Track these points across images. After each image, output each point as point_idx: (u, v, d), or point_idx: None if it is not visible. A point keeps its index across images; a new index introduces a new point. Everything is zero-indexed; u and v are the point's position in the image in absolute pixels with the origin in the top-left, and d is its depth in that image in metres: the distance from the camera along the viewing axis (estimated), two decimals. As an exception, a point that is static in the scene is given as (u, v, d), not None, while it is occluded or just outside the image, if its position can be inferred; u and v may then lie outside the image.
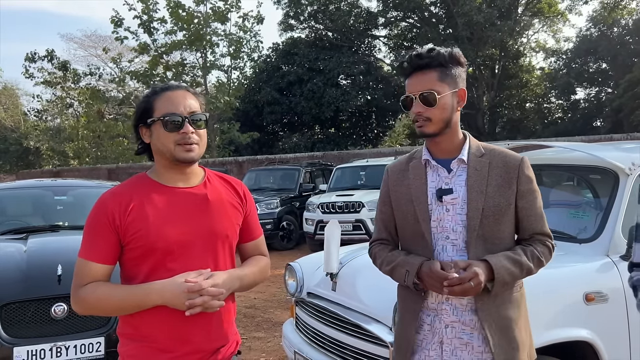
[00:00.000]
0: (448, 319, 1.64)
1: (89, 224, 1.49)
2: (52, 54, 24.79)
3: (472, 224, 1.61)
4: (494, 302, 1.61)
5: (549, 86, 27.85)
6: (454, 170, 1.68)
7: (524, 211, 1.66)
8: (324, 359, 2.78)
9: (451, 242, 1.64)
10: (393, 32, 28.44)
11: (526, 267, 1.60)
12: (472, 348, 1.62)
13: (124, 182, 1.59)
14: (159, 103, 1.51)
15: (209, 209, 1.56)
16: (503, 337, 1.60)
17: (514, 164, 1.66)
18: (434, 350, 1.66)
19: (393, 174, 1.80)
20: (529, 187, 1.66)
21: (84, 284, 1.45)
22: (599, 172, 2.94)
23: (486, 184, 1.63)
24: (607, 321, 2.48)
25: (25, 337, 3.24)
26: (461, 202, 1.64)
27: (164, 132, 1.50)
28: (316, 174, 12.98)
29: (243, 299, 6.66)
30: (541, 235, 1.68)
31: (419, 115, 1.63)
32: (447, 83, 1.62)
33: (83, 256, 1.47)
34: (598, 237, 2.71)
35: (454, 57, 1.64)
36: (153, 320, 1.46)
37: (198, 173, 1.62)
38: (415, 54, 1.63)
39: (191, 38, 21.59)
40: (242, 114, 24.32)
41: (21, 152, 35.42)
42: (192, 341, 1.49)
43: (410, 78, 1.65)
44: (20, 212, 5.03)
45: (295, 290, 3.26)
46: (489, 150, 1.69)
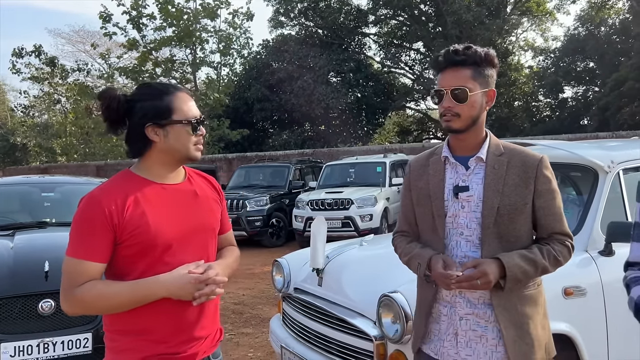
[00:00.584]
0: (462, 312, 1.69)
1: (82, 222, 1.46)
2: (40, 49, 24.51)
3: (487, 222, 1.64)
4: (509, 298, 1.64)
5: (537, 85, 28.08)
6: (471, 168, 1.71)
7: (542, 210, 1.67)
8: (310, 353, 2.82)
9: (465, 238, 1.68)
10: (383, 29, 28.48)
11: (541, 265, 1.63)
12: (486, 340, 1.66)
13: (111, 179, 1.59)
14: (177, 105, 1.55)
15: (198, 204, 1.63)
16: (517, 332, 1.64)
17: (533, 164, 1.67)
18: (449, 341, 1.71)
19: (414, 168, 1.85)
20: (547, 186, 1.68)
21: (79, 283, 1.43)
22: (580, 170, 3.01)
23: (503, 183, 1.65)
24: (585, 315, 2.54)
25: (13, 333, 3.25)
26: (476, 200, 1.67)
27: (186, 134, 1.55)
28: (306, 171, 13.02)
29: (232, 295, 6.69)
30: (560, 235, 1.69)
31: (448, 110, 1.66)
32: (479, 82, 1.65)
33: (77, 255, 1.44)
34: (577, 233, 2.77)
35: (489, 57, 1.67)
36: (152, 314, 1.49)
37: (182, 169, 1.67)
38: (453, 50, 1.67)
39: (180, 34, 21.48)
40: (232, 110, 24.24)
41: (8, 148, 34.98)
42: (186, 331, 1.54)
43: (444, 73, 1.68)
44: (7, 208, 5.01)
45: (282, 285, 3.30)
46: (508, 150, 1.72)
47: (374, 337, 2.43)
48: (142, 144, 1.56)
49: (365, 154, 14.30)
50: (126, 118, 1.56)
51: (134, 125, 1.55)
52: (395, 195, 10.32)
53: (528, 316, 1.66)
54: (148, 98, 1.54)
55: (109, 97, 1.53)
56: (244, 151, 21.95)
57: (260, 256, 9.14)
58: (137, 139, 1.55)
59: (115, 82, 25.00)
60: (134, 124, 1.54)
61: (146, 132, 1.53)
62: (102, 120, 1.56)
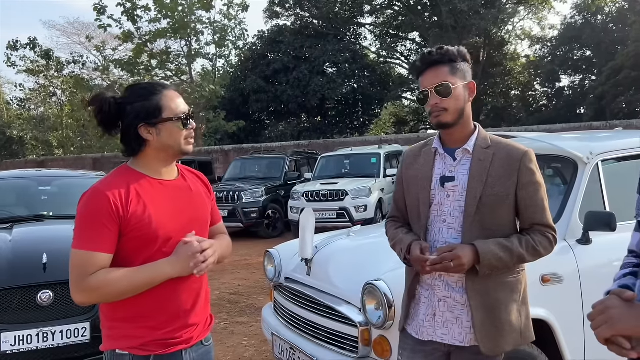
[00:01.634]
0: (441, 294, 1.80)
1: (88, 214, 1.53)
2: (35, 42, 24.42)
3: (469, 211, 1.74)
4: (485, 283, 1.74)
5: (534, 74, 28.12)
6: (458, 159, 1.81)
7: (524, 202, 1.76)
8: (300, 340, 2.93)
9: (447, 226, 1.79)
10: (379, 19, 28.44)
11: (517, 254, 1.71)
12: (461, 323, 1.77)
13: (111, 173, 1.68)
14: (165, 103, 1.63)
15: (193, 199, 1.74)
16: (488, 316, 1.73)
17: (517, 157, 1.76)
18: (428, 321, 1.83)
19: (408, 158, 1.97)
20: (530, 179, 1.76)
21: (90, 274, 1.49)
22: (560, 161, 3.10)
23: (487, 174, 1.75)
24: (562, 301, 2.65)
25: (12, 323, 3.35)
26: (461, 190, 1.77)
27: (178, 130, 1.64)
28: (302, 162, 13.10)
29: (228, 286, 6.80)
30: (541, 226, 1.78)
31: (435, 107, 1.77)
32: (458, 77, 1.76)
33: (86, 247, 1.50)
34: (557, 222, 2.85)
35: (462, 53, 1.79)
36: (150, 302, 1.59)
37: (175, 166, 1.77)
38: (428, 52, 1.79)
39: (175, 26, 21.43)
40: (228, 102, 24.26)
41: (4, 141, 34.87)
42: (182, 317, 1.65)
43: (424, 75, 1.79)
44: (5, 202, 5.08)
45: (273, 275, 3.40)
46: (495, 143, 1.81)
47: (359, 323, 2.53)
48: (137, 143, 1.65)
49: (361, 145, 14.38)
50: (119, 119, 1.65)
51: (127, 127, 1.63)
52: (390, 186, 10.42)
53: (501, 301, 1.76)
54: (138, 99, 1.63)
55: (101, 101, 1.62)
56: (241, 143, 22.01)
57: (256, 247, 9.25)
58: (132, 139, 1.64)
59: (111, 74, 24.96)
60: (127, 126, 1.63)
61: (139, 132, 1.62)
62: (96, 124, 1.66)
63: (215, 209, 1.89)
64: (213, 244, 1.67)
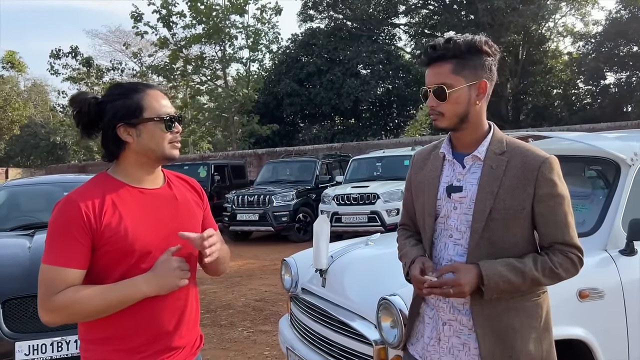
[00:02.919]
0: (445, 317, 1.59)
1: (58, 226, 1.41)
2: (76, 50, 25.24)
3: (476, 226, 1.52)
4: (494, 307, 1.52)
5: (577, 71, 27.04)
6: (467, 167, 1.59)
7: (541, 217, 1.52)
8: (313, 355, 2.75)
9: (454, 241, 1.58)
10: (414, 19, 28.00)
11: (530, 276, 1.48)
12: (468, 349, 1.55)
13: (87, 181, 1.54)
14: (147, 102, 1.49)
15: (178, 209, 1.57)
16: (499, 344, 1.51)
17: (534, 165, 1.51)
18: (432, 345, 1.63)
19: (417, 161, 1.77)
20: (550, 191, 1.51)
21: (57, 291, 1.37)
22: (600, 163, 2.82)
23: (499, 185, 1.51)
24: (603, 319, 2.38)
25: (27, 332, 3.31)
26: (469, 202, 1.55)
27: (160, 132, 1.49)
28: (333, 165, 12.96)
29: (254, 292, 6.70)
30: (562, 245, 1.52)
31: (432, 109, 1.57)
32: (464, 75, 1.52)
33: (53, 262, 1.38)
34: (596, 230, 2.60)
35: (472, 46, 1.51)
36: (127, 322, 1.45)
37: (160, 173, 1.62)
38: (431, 45, 1.55)
39: (210, 31, 21.71)
40: (262, 106, 24.38)
41: (50, 147, 36.30)
42: (163, 340, 1.50)
43: (427, 70, 1.58)
44: (31, 208, 5.14)
45: (290, 285, 3.24)
46: (511, 148, 1.56)
47: (374, 341, 2.33)
48: (116, 146, 1.50)
49: (394, 147, 14.11)
50: (99, 121, 1.50)
51: (105, 127, 1.49)
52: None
53: (515, 329, 1.52)
54: (118, 98, 1.49)
55: (80, 101, 1.48)
56: (274, 146, 22.04)
57: (286, 251, 9.09)
58: (111, 142, 1.50)
59: (150, 80, 25.50)
60: (105, 126, 1.49)
61: (118, 132, 1.48)
62: (75, 125, 1.53)
63: (209, 218, 1.72)
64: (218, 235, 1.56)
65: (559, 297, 2.36)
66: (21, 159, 38.95)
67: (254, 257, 9.47)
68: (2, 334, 3.26)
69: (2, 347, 3.24)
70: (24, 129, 36.48)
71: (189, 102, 24.26)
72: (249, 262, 9.01)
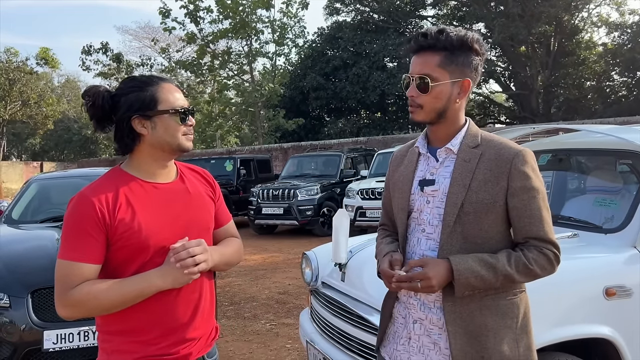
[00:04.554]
0: (416, 315, 1.55)
1: (73, 222, 1.42)
2: (106, 46, 25.74)
3: (448, 220, 1.49)
4: (467, 305, 1.47)
5: (612, 63, 26.19)
6: (440, 160, 1.57)
7: (515, 211, 1.48)
8: (333, 350, 2.74)
9: (426, 236, 1.55)
10: (441, 11, 27.58)
11: (503, 272, 1.43)
12: (439, 349, 1.51)
13: (101, 176, 1.55)
14: (162, 95, 1.50)
15: (191, 203, 1.58)
16: (471, 344, 1.46)
17: (507, 158, 1.48)
18: (402, 345, 1.59)
19: (395, 159, 1.74)
20: (523, 184, 1.47)
21: (73, 286, 1.39)
22: (630, 157, 2.72)
23: (471, 178, 1.49)
24: (631, 318, 2.30)
25: (55, 322, 3.40)
26: (441, 195, 1.53)
27: (175, 124, 1.50)
28: (358, 159, 12.89)
29: (278, 285, 6.73)
30: (537, 241, 1.48)
31: (412, 100, 1.53)
32: (450, 70, 1.49)
33: (70, 258, 1.39)
34: (625, 227, 2.51)
35: (464, 42, 1.48)
36: (142, 315, 1.47)
37: (173, 166, 1.62)
38: (422, 33, 1.52)
39: (237, 26, 21.82)
40: (288, 100, 24.43)
41: (83, 141, 37.26)
42: (177, 332, 1.51)
43: (414, 57, 1.54)
44: (61, 200, 5.26)
45: (310, 279, 3.23)
46: (486, 141, 1.54)
47: (393, 336, 2.31)
48: (131, 138, 1.50)
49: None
50: (112, 115, 1.51)
51: (120, 120, 1.49)
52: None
53: (489, 328, 1.47)
54: (132, 91, 1.50)
55: (93, 94, 1.49)
56: (300, 140, 22.07)
57: (311, 245, 9.07)
58: (125, 134, 1.50)
59: (179, 75, 25.84)
60: (120, 118, 1.49)
61: (133, 125, 1.48)
62: (89, 118, 1.53)
63: (222, 208, 1.72)
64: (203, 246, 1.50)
65: (584, 295, 2.30)
66: (55, 153, 40.12)
67: (278, 250, 9.52)
68: (31, 322, 3.35)
69: (31, 335, 3.33)
70: (57, 124, 37.53)
71: (216, 96, 24.49)
72: (274, 255, 9.06)
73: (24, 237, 4.40)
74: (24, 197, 5.29)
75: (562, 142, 3.12)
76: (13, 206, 5.15)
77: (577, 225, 2.74)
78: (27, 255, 3.87)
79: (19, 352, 3.34)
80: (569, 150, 3.04)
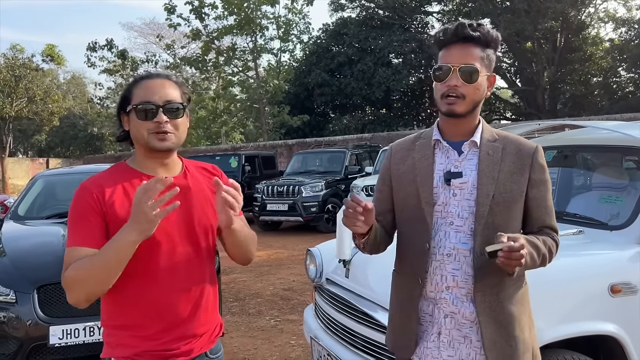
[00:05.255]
0: (447, 309, 1.57)
1: (72, 211, 1.47)
2: (111, 42, 25.79)
3: (481, 211, 1.52)
4: (497, 296, 1.53)
5: (619, 59, 25.98)
6: (464, 153, 1.59)
7: (535, 201, 1.58)
8: (337, 346, 2.75)
9: (455, 229, 1.56)
10: (447, 7, 27.42)
11: (542, 254, 1.53)
12: (470, 342, 1.55)
13: (104, 170, 1.58)
14: (136, 91, 1.52)
15: (192, 200, 1.57)
16: (501, 333, 1.52)
17: (528, 152, 1.58)
18: (432, 341, 1.59)
19: (397, 152, 1.73)
20: (542, 177, 1.59)
21: None
22: (636, 153, 2.71)
23: (498, 170, 1.55)
24: (636, 315, 2.29)
25: (61, 317, 3.42)
26: (470, 187, 1.56)
27: (137, 121, 1.50)
28: (363, 156, 12.88)
29: (283, 281, 6.75)
30: (549, 229, 1.60)
31: (453, 89, 1.51)
32: (485, 65, 1.54)
33: (71, 244, 1.43)
34: (631, 223, 2.50)
35: (497, 41, 1.56)
36: (141, 308, 1.48)
37: (177, 163, 1.62)
38: (468, 23, 1.52)
39: (241, 22, 21.80)
40: (293, 97, 24.39)
41: (88, 138, 37.37)
42: (179, 328, 1.51)
43: (450, 48, 1.54)
44: (66, 197, 5.28)
45: (315, 275, 3.23)
46: (502, 137, 1.62)
47: (397, 333, 2.30)
48: (123, 133, 1.58)
49: (425, 138, 13.90)
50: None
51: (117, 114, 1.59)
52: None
53: (514, 316, 1.54)
54: (126, 87, 1.56)
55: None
56: (305, 137, 22.05)
57: (315, 242, 9.08)
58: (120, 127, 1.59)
59: (184, 72, 25.85)
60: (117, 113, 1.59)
61: (122, 120, 1.56)
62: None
63: None
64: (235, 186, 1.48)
65: (589, 293, 2.29)
66: (61, 149, 40.26)
67: (283, 246, 9.54)
68: (37, 318, 3.37)
69: (37, 330, 3.36)
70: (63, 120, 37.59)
71: (221, 93, 24.50)
72: (278, 251, 9.08)
73: (30, 233, 4.43)
74: (30, 193, 5.32)
75: (568, 138, 3.10)
76: (19, 202, 5.17)
77: (583, 222, 2.73)
78: (33, 251, 3.89)
79: (25, 348, 3.36)
80: (574, 147, 3.03)
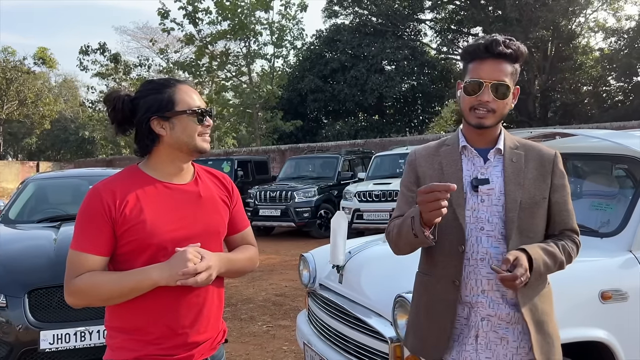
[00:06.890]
0: (484, 312, 1.62)
1: (82, 214, 1.47)
2: (104, 46, 25.70)
3: (510, 216, 1.59)
4: (532, 296, 1.61)
5: (608, 68, 26.30)
6: (490, 160, 1.66)
7: (557, 206, 1.66)
8: (330, 352, 2.75)
9: (486, 234, 1.61)
10: (440, 15, 27.64)
11: (559, 260, 1.60)
12: (507, 343, 1.60)
13: (117, 173, 1.59)
14: (179, 96, 1.53)
15: (202, 206, 1.58)
16: (540, 331, 1.60)
17: (549, 158, 1.68)
18: (470, 344, 1.62)
19: (422, 157, 1.75)
20: (563, 182, 1.67)
21: (77, 275, 1.44)
22: (626, 162, 2.74)
23: (523, 176, 1.63)
24: (626, 321, 2.32)
25: (52, 322, 3.39)
26: (497, 193, 1.62)
27: (192, 124, 1.53)
28: (356, 162, 12.91)
29: (275, 287, 6.73)
30: (570, 232, 1.68)
31: (484, 105, 1.58)
32: (512, 80, 1.62)
33: (77, 248, 1.45)
34: (621, 230, 2.53)
35: (525, 55, 1.63)
36: (146, 314, 1.48)
37: (191, 168, 1.64)
38: (502, 40, 1.59)
39: (235, 28, 21.83)
40: (286, 102, 24.43)
41: (80, 141, 37.16)
42: (181, 335, 1.51)
43: (483, 63, 1.59)
44: (58, 200, 5.26)
45: (308, 280, 3.24)
46: (522, 144, 1.70)
47: (390, 338, 2.32)
48: (150, 139, 1.54)
49: (418, 144, 13.95)
50: (132, 118, 1.55)
51: (139, 122, 1.53)
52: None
53: (547, 314, 1.64)
54: (150, 93, 1.53)
55: (114, 99, 1.53)
56: (298, 142, 22.07)
57: (307, 247, 9.06)
58: (145, 135, 1.53)
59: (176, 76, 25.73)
60: (139, 120, 1.53)
61: (152, 126, 1.52)
62: (110, 122, 1.58)
63: (240, 214, 1.72)
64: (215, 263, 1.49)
65: (580, 299, 2.32)
66: (52, 153, 40.01)
67: (275, 252, 9.52)
68: (28, 322, 3.34)
69: (27, 335, 3.33)
70: (54, 123, 37.41)
71: (214, 98, 24.48)
72: (270, 257, 9.06)
73: (21, 237, 4.39)
74: (20, 197, 5.28)
75: (558, 146, 3.13)
76: (10, 206, 5.13)
77: (573, 229, 2.76)
78: (24, 255, 3.86)
79: (15, 352, 3.33)
80: (565, 155, 3.05)
